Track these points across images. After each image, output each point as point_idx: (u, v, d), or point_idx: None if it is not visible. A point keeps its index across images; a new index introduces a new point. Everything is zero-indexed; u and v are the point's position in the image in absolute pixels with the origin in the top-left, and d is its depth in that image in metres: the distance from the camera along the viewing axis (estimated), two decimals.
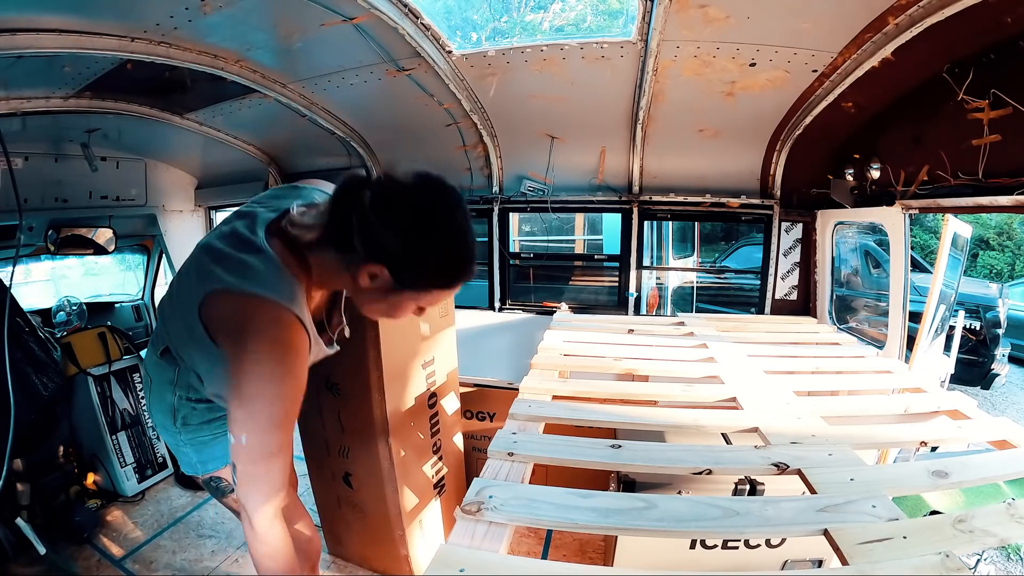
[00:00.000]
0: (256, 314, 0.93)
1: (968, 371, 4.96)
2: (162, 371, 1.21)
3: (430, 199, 0.91)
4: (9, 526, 2.21)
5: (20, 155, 2.88)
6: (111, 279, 4.96)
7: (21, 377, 2.25)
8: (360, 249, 0.90)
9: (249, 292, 0.93)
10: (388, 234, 0.88)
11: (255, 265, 0.96)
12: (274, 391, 0.92)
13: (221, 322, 0.97)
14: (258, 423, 0.92)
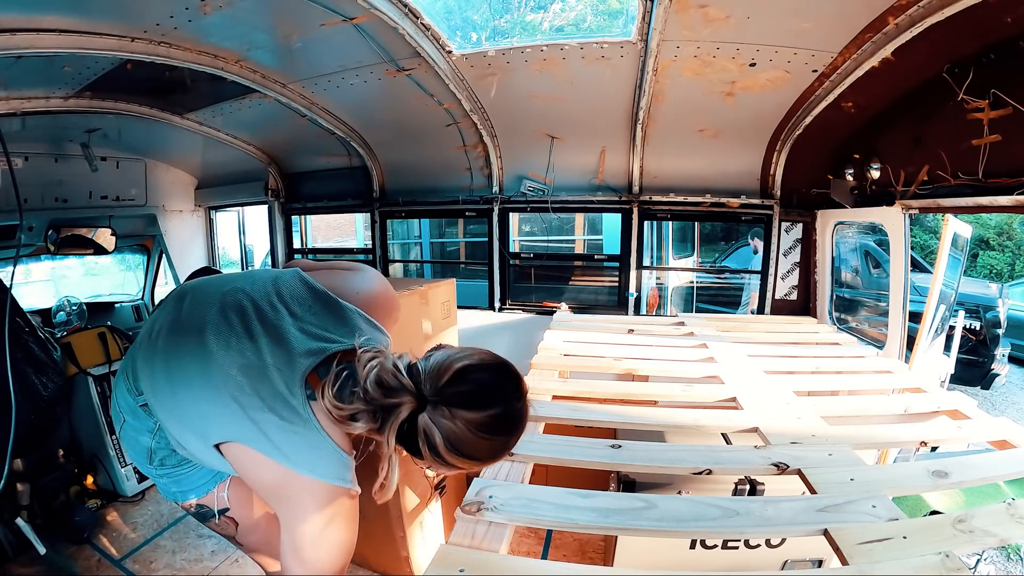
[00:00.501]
0: (316, 498, 0.94)
1: (968, 371, 4.96)
2: (140, 419, 1.14)
3: (509, 434, 0.94)
4: (9, 526, 2.21)
5: (20, 155, 2.89)
6: (111, 279, 4.96)
7: (21, 377, 2.25)
8: (429, 460, 0.92)
9: (305, 475, 0.92)
10: (467, 464, 0.93)
11: (308, 444, 0.94)
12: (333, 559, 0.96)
13: (260, 481, 0.96)
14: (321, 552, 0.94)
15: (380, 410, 0.91)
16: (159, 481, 1.23)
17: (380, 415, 0.91)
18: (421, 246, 6.96)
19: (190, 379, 1.00)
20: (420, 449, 0.90)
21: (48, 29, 1.91)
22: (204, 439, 0.97)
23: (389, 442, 0.92)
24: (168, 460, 1.17)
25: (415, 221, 6.70)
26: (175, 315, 1.08)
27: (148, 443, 1.16)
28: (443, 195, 3.51)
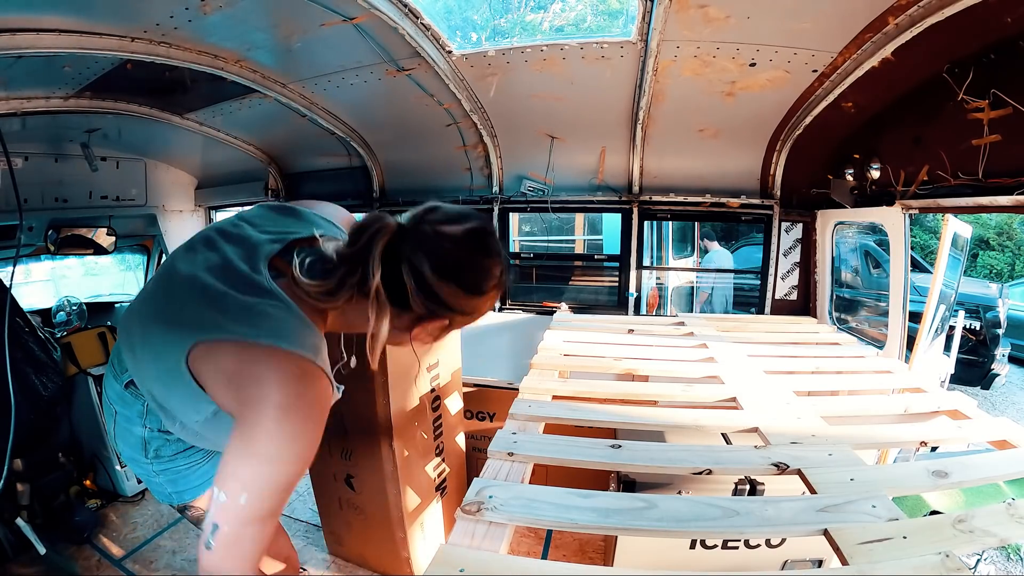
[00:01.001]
0: (279, 368, 0.84)
1: (968, 371, 4.96)
2: (128, 404, 1.10)
3: (489, 254, 0.91)
4: (9, 526, 2.21)
5: (20, 155, 2.88)
6: (111, 279, 4.96)
7: (21, 377, 2.25)
8: (424, 310, 0.88)
9: (266, 344, 0.84)
10: (456, 290, 0.87)
11: (269, 312, 0.87)
12: (295, 453, 0.84)
13: (223, 374, 0.86)
14: (267, 484, 0.83)
15: (360, 253, 0.85)
16: (155, 481, 1.19)
17: (360, 261, 0.85)
18: None
19: (158, 307, 0.96)
20: (406, 286, 0.85)
21: (48, 29, 1.90)
22: (175, 365, 0.88)
23: (375, 273, 0.84)
24: (163, 450, 1.14)
25: None
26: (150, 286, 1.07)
27: (140, 432, 1.13)
28: (443, 195, 3.51)
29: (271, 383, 0.82)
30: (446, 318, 0.92)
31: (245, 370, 0.84)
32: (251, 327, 0.85)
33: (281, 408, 0.82)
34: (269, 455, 0.82)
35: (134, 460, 1.18)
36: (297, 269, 0.88)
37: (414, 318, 0.91)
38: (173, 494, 1.20)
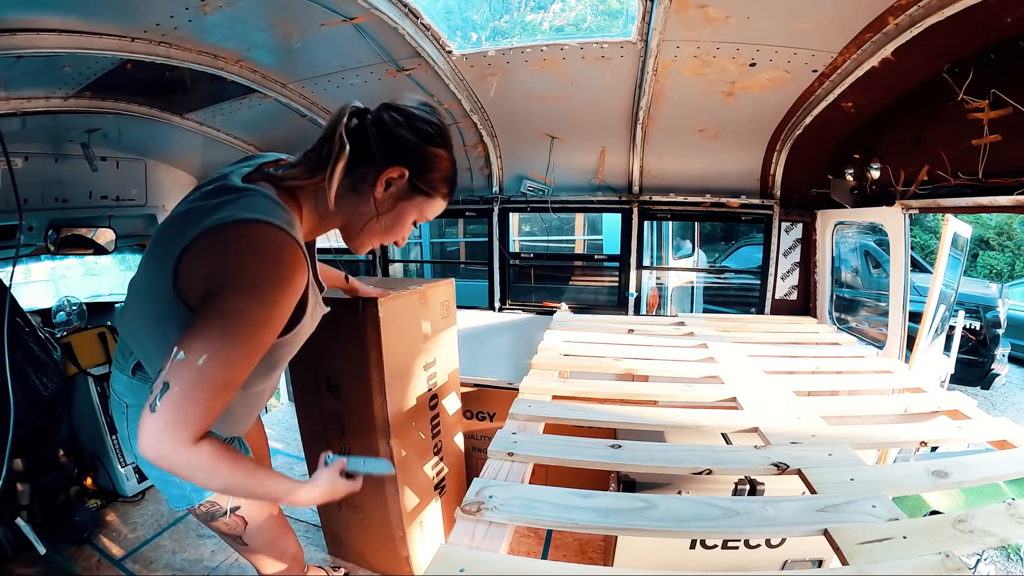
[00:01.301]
0: (249, 233, 0.83)
1: (968, 371, 4.97)
2: (136, 392, 1.09)
3: (438, 116, 0.98)
4: (9, 526, 2.21)
5: (20, 155, 2.88)
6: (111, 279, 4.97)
7: (21, 377, 2.25)
8: (381, 154, 0.93)
9: (242, 218, 0.84)
10: (410, 136, 0.94)
11: (246, 199, 0.88)
12: (262, 316, 0.81)
13: (203, 263, 0.84)
14: (229, 347, 0.79)
15: (330, 127, 0.93)
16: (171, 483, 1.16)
17: (329, 137, 0.92)
18: (421, 246, 6.96)
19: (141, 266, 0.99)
20: (369, 138, 0.93)
21: (48, 29, 1.90)
22: (162, 282, 0.87)
23: (342, 122, 0.91)
24: None
25: None
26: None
27: None
28: None
29: (242, 247, 0.82)
30: (402, 169, 0.95)
31: (217, 248, 0.84)
32: (228, 212, 0.85)
33: (251, 269, 0.81)
34: (236, 315, 0.80)
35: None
36: (272, 171, 0.96)
37: (376, 173, 0.95)
38: (192, 492, 1.16)
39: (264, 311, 0.82)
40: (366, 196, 0.97)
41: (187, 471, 0.83)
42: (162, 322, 0.90)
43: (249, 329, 0.81)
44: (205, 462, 0.82)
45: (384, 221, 1.01)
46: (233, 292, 0.80)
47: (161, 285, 0.87)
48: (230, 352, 0.80)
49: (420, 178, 0.98)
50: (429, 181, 0.99)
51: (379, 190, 0.96)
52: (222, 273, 0.82)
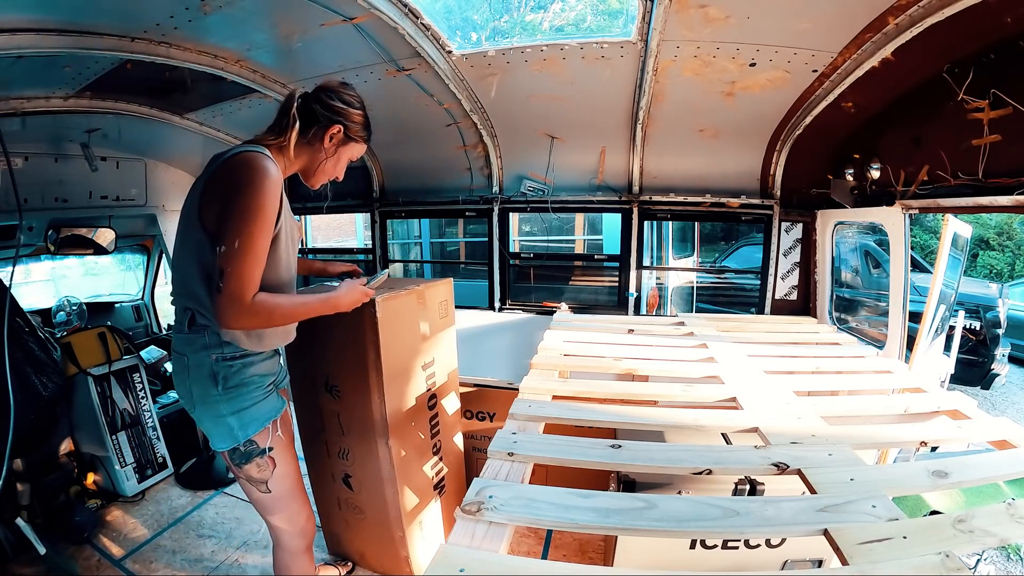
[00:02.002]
0: (245, 158, 1.26)
1: (968, 371, 4.96)
2: (193, 342, 1.35)
3: (354, 89, 1.49)
4: (9, 526, 2.21)
5: (20, 155, 2.88)
6: (111, 279, 4.97)
7: (21, 377, 2.26)
8: (324, 117, 1.41)
9: (236, 152, 1.28)
10: (341, 105, 1.43)
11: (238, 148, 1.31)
12: (263, 205, 1.22)
13: (216, 187, 1.25)
14: (250, 230, 1.20)
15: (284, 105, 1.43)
16: (222, 423, 1.38)
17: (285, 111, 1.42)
18: (421, 246, 6.96)
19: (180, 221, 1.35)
20: (311, 108, 1.41)
21: (48, 29, 1.91)
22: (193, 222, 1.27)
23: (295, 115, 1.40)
24: (231, 378, 1.37)
25: (415, 221, 6.71)
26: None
27: (210, 364, 1.35)
28: (443, 195, 3.51)
29: (239, 165, 1.24)
30: (339, 124, 1.42)
31: (223, 173, 1.26)
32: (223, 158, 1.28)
33: (252, 177, 1.23)
34: (246, 206, 1.21)
35: (205, 401, 1.37)
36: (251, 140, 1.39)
37: (320, 130, 1.42)
38: (238, 431, 1.39)
39: (265, 201, 1.23)
40: (317, 147, 1.44)
41: (259, 319, 1.25)
42: (196, 253, 1.27)
43: (256, 212, 1.21)
44: (267, 304, 1.25)
45: (330, 163, 1.47)
46: (240, 193, 1.21)
47: (192, 226, 1.26)
48: (251, 230, 1.21)
49: (350, 131, 1.45)
50: (355, 132, 1.47)
51: (326, 142, 1.44)
52: (231, 183, 1.23)
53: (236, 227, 1.19)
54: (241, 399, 1.39)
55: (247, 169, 1.24)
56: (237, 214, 1.20)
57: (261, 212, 1.22)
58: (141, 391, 2.86)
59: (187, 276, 1.31)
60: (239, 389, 1.38)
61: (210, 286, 1.25)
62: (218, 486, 2.84)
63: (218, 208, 1.23)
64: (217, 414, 1.38)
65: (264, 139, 1.40)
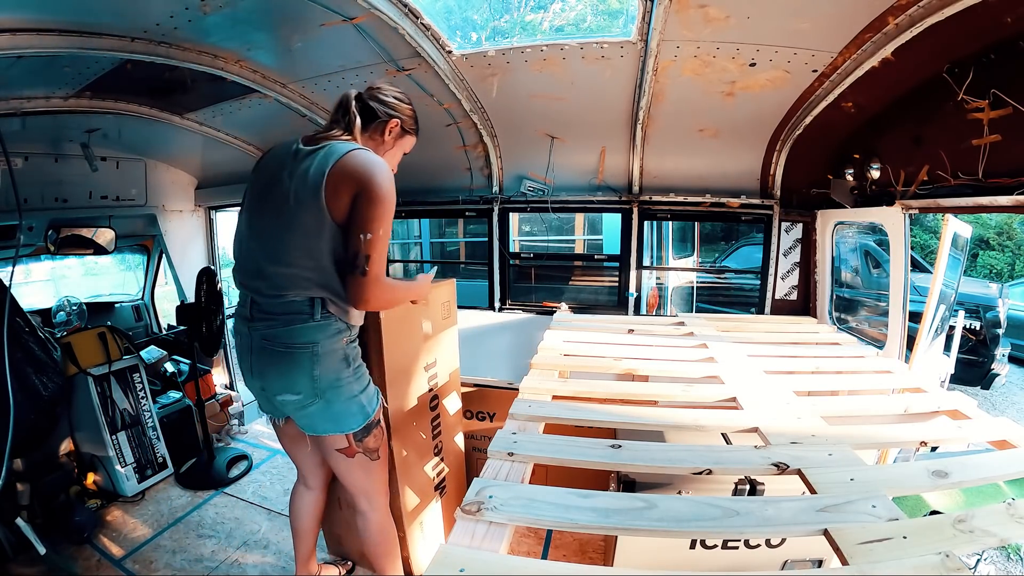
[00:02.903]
0: (366, 154, 1.40)
1: (968, 371, 4.96)
2: (326, 328, 1.42)
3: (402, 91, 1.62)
4: (9, 526, 2.21)
5: (20, 155, 2.89)
6: (111, 279, 4.97)
7: (21, 377, 2.25)
8: (383, 113, 1.53)
9: (354, 148, 1.40)
10: (395, 101, 1.57)
11: (336, 143, 1.41)
12: (392, 198, 1.38)
13: (344, 180, 1.34)
14: (386, 220, 1.37)
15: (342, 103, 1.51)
16: (356, 400, 1.49)
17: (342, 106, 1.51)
18: (421, 246, 6.97)
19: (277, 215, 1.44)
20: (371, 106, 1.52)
21: (48, 29, 1.90)
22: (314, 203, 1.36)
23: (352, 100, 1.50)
24: (356, 358, 1.52)
25: (415, 221, 6.71)
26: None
27: (341, 348, 1.46)
28: (443, 195, 3.51)
29: (368, 160, 1.38)
30: (397, 119, 1.55)
31: (351, 167, 1.36)
32: (335, 154, 1.37)
33: (380, 170, 1.37)
34: (383, 203, 1.36)
35: (337, 385, 1.46)
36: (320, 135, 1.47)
37: (380, 125, 1.54)
38: (367, 405, 1.53)
39: (392, 192, 1.38)
40: (378, 141, 1.56)
41: (387, 299, 1.49)
42: (329, 241, 1.36)
43: (390, 204, 1.38)
44: (391, 286, 1.48)
45: (388, 156, 1.58)
46: (379, 187, 1.35)
47: (314, 213, 1.34)
48: (388, 219, 1.38)
49: (404, 124, 1.59)
50: (409, 125, 1.61)
51: (386, 136, 1.56)
52: (369, 179, 1.35)
53: (376, 216, 1.34)
54: (363, 377, 1.54)
55: (379, 166, 1.38)
56: (377, 206, 1.34)
57: (392, 204, 1.38)
58: (141, 391, 2.86)
59: (314, 267, 1.38)
60: (361, 368, 1.53)
61: (345, 271, 1.38)
62: (218, 486, 2.84)
63: (352, 201, 1.34)
64: (350, 395, 1.48)
65: (340, 136, 1.46)
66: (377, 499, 1.68)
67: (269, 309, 1.42)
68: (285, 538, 2.38)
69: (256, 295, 1.44)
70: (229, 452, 3.13)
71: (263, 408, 1.62)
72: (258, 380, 1.49)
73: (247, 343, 1.48)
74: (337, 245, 1.37)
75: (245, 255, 1.48)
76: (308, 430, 1.52)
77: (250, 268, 1.45)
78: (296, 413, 1.49)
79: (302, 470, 1.78)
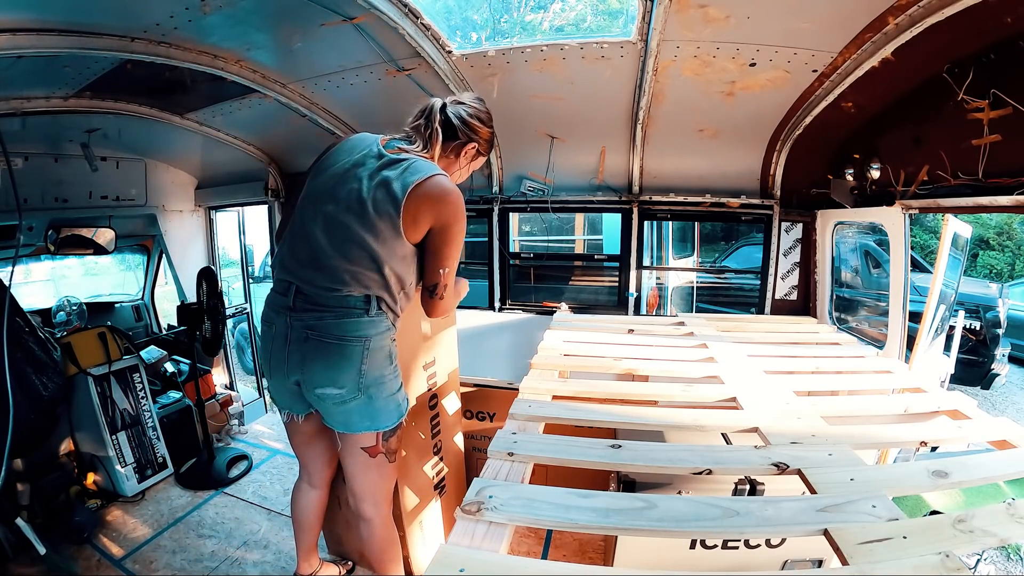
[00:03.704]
0: (446, 183, 1.40)
1: (968, 371, 4.96)
2: (378, 324, 1.43)
3: (485, 104, 1.60)
4: (9, 526, 2.20)
5: (20, 155, 2.89)
6: (111, 279, 4.97)
7: (21, 377, 2.25)
8: (464, 135, 1.52)
9: (436, 173, 1.39)
10: (478, 124, 1.55)
11: (420, 162, 1.42)
12: (464, 232, 1.45)
13: (426, 204, 1.37)
14: (458, 254, 1.46)
15: (426, 115, 1.50)
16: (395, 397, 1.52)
17: (426, 115, 1.50)
18: None
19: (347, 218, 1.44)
20: (455, 125, 1.50)
21: (48, 29, 1.91)
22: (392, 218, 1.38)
23: (437, 116, 1.48)
24: (396, 357, 1.53)
25: None
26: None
27: (388, 346, 1.48)
28: None
29: (447, 191, 1.39)
30: (475, 143, 1.55)
31: (433, 194, 1.37)
32: (418, 173, 1.38)
33: (461, 209, 1.42)
34: (460, 237, 1.44)
35: (382, 382, 1.47)
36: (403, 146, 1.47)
37: (458, 147, 1.54)
38: (403, 403, 1.56)
39: (464, 227, 1.45)
40: (452, 160, 1.56)
41: (453, 308, 1.72)
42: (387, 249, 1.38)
43: (461, 239, 1.46)
44: (453, 300, 1.61)
45: (461, 173, 1.62)
46: (456, 223, 1.42)
47: (388, 224, 1.37)
48: (458, 254, 1.47)
49: (480, 148, 1.59)
50: (484, 149, 1.61)
51: (462, 159, 1.57)
52: (445, 213, 1.39)
53: (454, 253, 1.44)
54: (399, 376, 1.55)
55: (458, 200, 1.41)
56: (455, 242, 1.43)
57: (463, 238, 1.45)
58: (141, 391, 2.86)
59: (377, 271, 1.40)
60: (398, 368, 1.55)
61: (403, 284, 1.46)
62: (218, 486, 2.84)
63: (431, 230, 1.41)
64: (390, 392, 1.50)
65: (421, 152, 1.47)
66: (383, 505, 1.66)
67: (321, 300, 1.39)
68: (285, 538, 2.38)
69: (306, 284, 1.39)
70: (229, 452, 3.13)
71: (282, 403, 1.57)
72: (295, 373, 1.43)
73: (283, 333, 1.42)
74: (404, 260, 1.42)
75: (300, 241, 1.42)
76: (340, 427, 1.49)
77: (304, 256, 1.41)
78: (333, 408, 1.45)
79: (309, 468, 1.75)
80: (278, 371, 1.47)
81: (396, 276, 1.42)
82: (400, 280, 1.44)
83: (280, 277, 1.46)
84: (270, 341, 1.46)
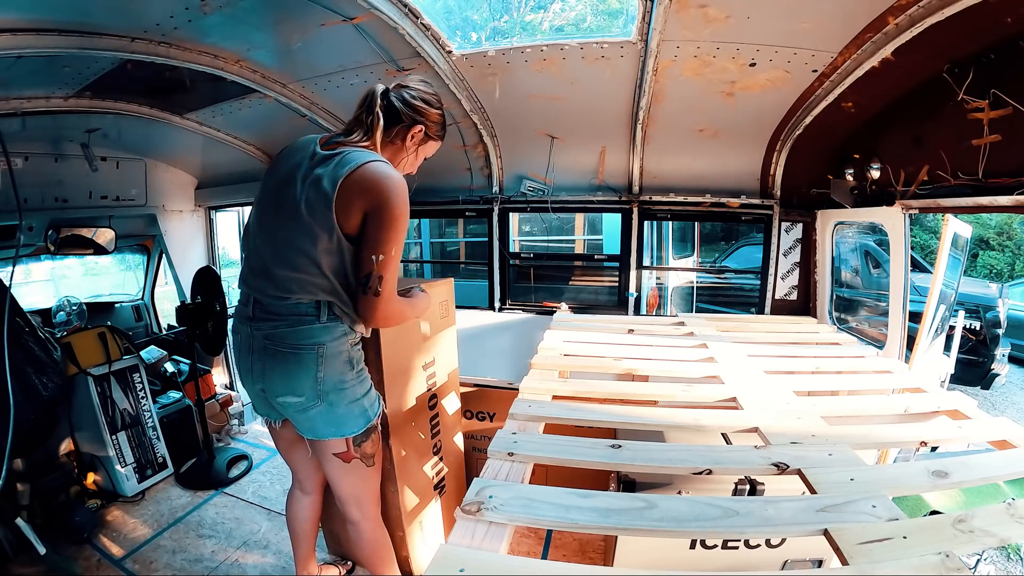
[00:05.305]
0: (382, 168, 1.34)
1: (968, 371, 4.97)
2: (332, 331, 1.40)
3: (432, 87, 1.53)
4: (9, 526, 2.21)
5: (20, 155, 2.89)
6: (111, 279, 4.97)
7: (21, 377, 2.25)
8: (407, 117, 1.46)
9: (370, 159, 1.33)
10: (423, 105, 1.48)
11: (355, 152, 1.36)
12: (405, 217, 1.34)
13: (357, 194, 1.30)
14: (398, 240, 1.34)
15: (366, 101, 1.43)
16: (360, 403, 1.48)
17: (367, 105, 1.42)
18: (421, 246, 6.96)
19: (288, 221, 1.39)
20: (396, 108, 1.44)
21: (48, 29, 1.91)
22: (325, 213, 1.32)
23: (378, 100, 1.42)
24: (359, 362, 1.50)
25: (415, 221, 6.70)
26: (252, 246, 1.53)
27: (346, 350, 1.44)
28: (443, 195, 3.51)
29: (383, 175, 1.32)
30: (421, 124, 1.48)
31: (365, 181, 1.31)
32: (351, 163, 1.32)
33: (401, 192, 1.33)
34: (397, 222, 1.32)
35: (341, 388, 1.44)
36: (340, 139, 1.41)
37: (403, 130, 1.47)
38: (369, 408, 1.51)
39: (405, 211, 1.34)
40: (398, 146, 1.49)
41: (398, 316, 1.46)
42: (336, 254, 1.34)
43: (403, 224, 1.33)
44: (400, 306, 1.45)
45: (409, 160, 1.53)
46: (393, 207, 1.31)
47: (323, 224, 1.31)
48: (400, 241, 1.34)
49: (429, 130, 1.51)
50: (434, 131, 1.53)
51: (408, 142, 1.49)
52: (383, 197, 1.30)
53: (390, 238, 1.32)
54: (365, 380, 1.51)
55: (393, 182, 1.32)
56: (391, 226, 1.31)
57: (405, 224, 1.34)
58: (141, 391, 2.86)
59: (321, 275, 1.36)
60: (364, 372, 1.51)
61: (356, 290, 1.37)
62: (218, 486, 2.84)
63: (365, 217, 1.32)
64: (353, 398, 1.46)
65: (359, 142, 1.40)
66: (368, 507, 1.64)
67: (274, 309, 1.39)
68: (285, 538, 2.38)
69: (260, 295, 1.40)
70: (229, 452, 3.13)
71: (259, 410, 1.58)
72: (259, 381, 1.45)
73: (247, 343, 1.44)
74: (344, 257, 1.35)
75: (252, 252, 1.44)
76: (307, 433, 1.49)
77: (256, 266, 1.42)
78: (296, 416, 1.46)
79: (298, 474, 1.75)
80: (246, 379, 1.50)
81: (342, 279, 1.38)
82: (348, 282, 1.39)
83: (241, 288, 1.49)
84: (238, 351, 1.50)
